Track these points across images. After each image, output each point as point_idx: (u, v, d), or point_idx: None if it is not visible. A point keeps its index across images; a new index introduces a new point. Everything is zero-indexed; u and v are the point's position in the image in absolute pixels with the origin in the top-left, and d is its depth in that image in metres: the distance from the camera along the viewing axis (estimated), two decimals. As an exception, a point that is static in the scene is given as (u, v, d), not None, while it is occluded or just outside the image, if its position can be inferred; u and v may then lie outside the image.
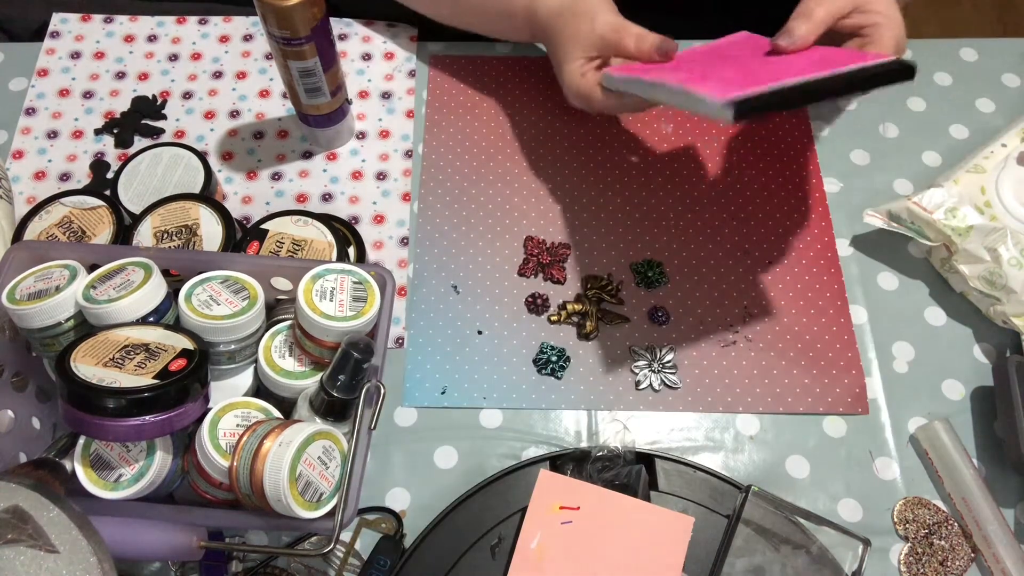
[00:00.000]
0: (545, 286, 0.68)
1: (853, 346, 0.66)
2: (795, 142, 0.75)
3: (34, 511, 0.38)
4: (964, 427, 0.63)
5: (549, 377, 0.65)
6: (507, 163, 0.74)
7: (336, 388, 0.51)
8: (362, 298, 0.54)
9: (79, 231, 0.63)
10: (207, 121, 0.76)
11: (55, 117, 0.76)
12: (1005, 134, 0.69)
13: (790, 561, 0.57)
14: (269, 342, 0.56)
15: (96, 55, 0.79)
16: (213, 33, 0.81)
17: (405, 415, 0.63)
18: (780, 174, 0.73)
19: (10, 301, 0.52)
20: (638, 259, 0.69)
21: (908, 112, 0.77)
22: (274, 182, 0.73)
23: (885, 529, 0.60)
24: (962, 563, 0.58)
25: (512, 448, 0.62)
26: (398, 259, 0.69)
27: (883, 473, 0.62)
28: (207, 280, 0.55)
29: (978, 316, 0.67)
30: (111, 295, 0.52)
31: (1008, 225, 0.64)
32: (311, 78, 0.66)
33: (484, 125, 0.76)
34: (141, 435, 0.47)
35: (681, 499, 0.59)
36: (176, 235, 0.61)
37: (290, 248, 0.61)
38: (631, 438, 0.62)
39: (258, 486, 0.47)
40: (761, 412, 0.64)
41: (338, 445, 0.50)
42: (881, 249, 0.71)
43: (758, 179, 0.73)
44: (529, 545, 0.55)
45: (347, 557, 0.58)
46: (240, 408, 0.52)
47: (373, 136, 0.76)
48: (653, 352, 0.65)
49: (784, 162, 0.74)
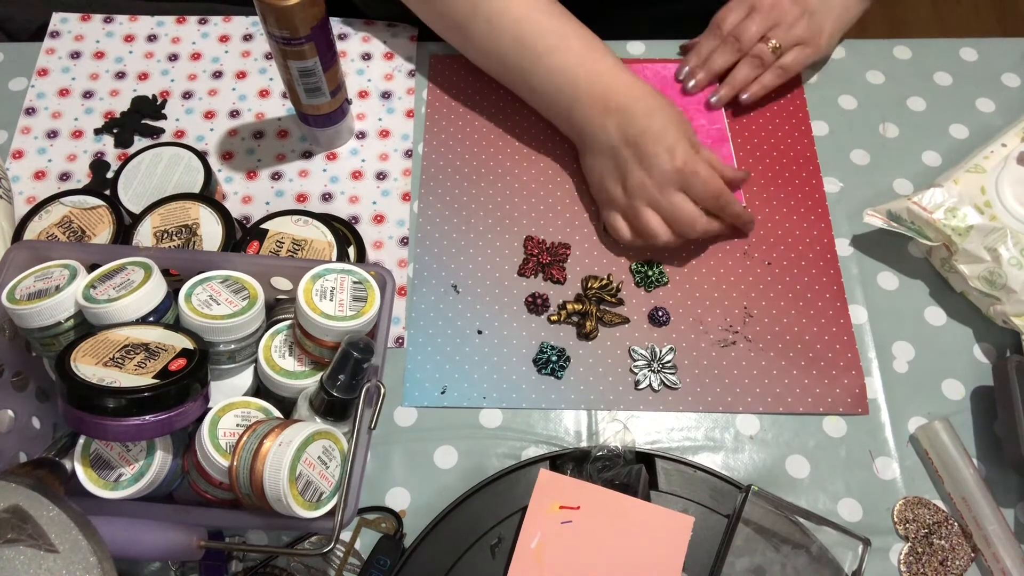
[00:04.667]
0: (545, 286, 0.68)
1: (853, 346, 0.66)
2: (795, 142, 0.75)
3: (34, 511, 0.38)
4: (964, 427, 0.63)
5: (549, 377, 0.65)
6: (507, 163, 0.74)
7: (336, 388, 0.51)
8: (362, 298, 0.54)
9: (79, 231, 0.63)
10: (207, 121, 0.76)
11: (55, 117, 0.76)
12: (1005, 134, 0.69)
13: (790, 561, 0.57)
14: (269, 342, 0.56)
15: (96, 55, 0.79)
16: (213, 33, 0.81)
17: (405, 415, 0.63)
18: (780, 175, 0.73)
19: (10, 301, 0.52)
20: (638, 259, 0.69)
21: (908, 112, 0.77)
22: (274, 182, 0.73)
23: (885, 529, 0.60)
24: (962, 563, 0.58)
25: (512, 448, 0.62)
26: (398, 259, 0.69)
27: (883, 473, 0.62)
28: (207, 280, 0.55)
29: (978, 316, 0.67)
30: (111, 295, 0.52)
31: (1008, 225, 0.64)
32: (311, 78, 0.66)
33: (484, 125, 0.76)
34: (141, 435, 0.47)
35: (681, 499, 0.59)
36: (176, 235, 0.61)
37: (290, 248, 0.61)
38: (631, 438, 0.62)
39: (258, 486, 0.47)
40: (761, 412, 0.64)
41: (338, 445, 0.50)
42: (881, 249, 0.71)
43: (758, 179, 0.73)
44: (529, 545, 0.55)
45: (347, 557, 0.58)
46: (240, 408, 0.52)
47: (373, 136, 0.76)
48: (653, 352, 0.65)
49: (784, 162, 0.74)
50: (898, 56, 0.80)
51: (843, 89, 0.78)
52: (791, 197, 0.73)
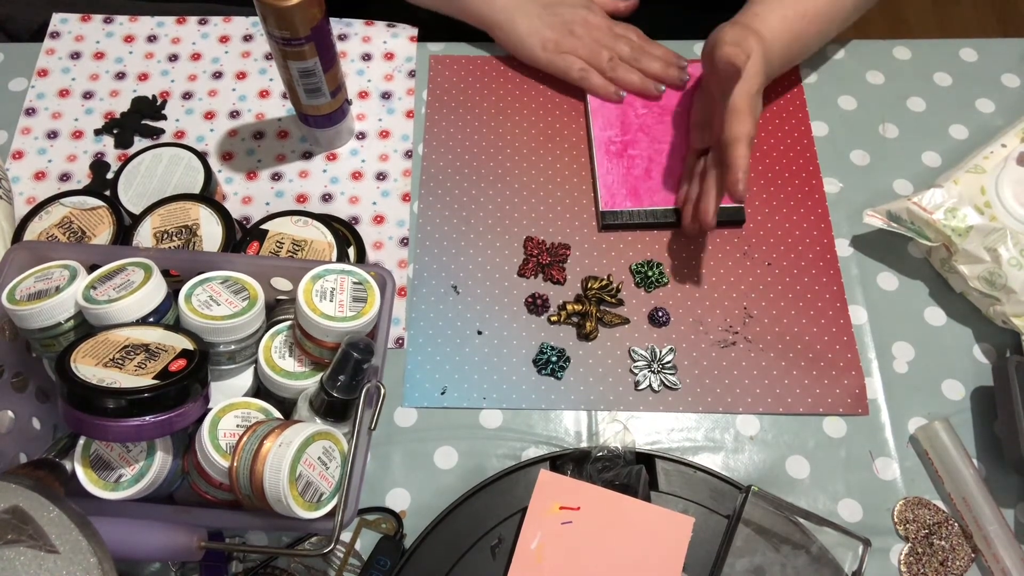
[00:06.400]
0: (545, 286, 0.68)
1: (853, 346, 0.66)
2: (795, 142, 0.75)
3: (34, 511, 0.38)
4: (964, 427, 0.63)
5: (549, 377, 0.65)
6: (507, 163, 0.74)
7: (336, 388, 0.51)
8: (362, 298, 0.54)
9: (79, 231, 0.63)
10: (207, 121, 0.76)
11: (55, 117, 0.76)
12: (1005, 134, 0.69)
13: (790, 561, 0.57)
14: (269, 342, 0.56)
15: (96, 55, 0.79)
16: (213, 33, 0.81)
17: (405, 415, 0.63)
18: (780, 175, 0.73)
19: (10, 301, 0.52)
20: (638, 259, 0.69)
21: (908, 112, 0.77)
22: (274, 182, 0.73)
23: (885, 529, 0.60)
24: (962, 563, 0.58)
25: (512, 448, 0.62)
26: (398, 259, 0.69)
27: (883, 473, 0.62)
28: (207, 280, 0.55)
29: (978, 316, 0.67)
30: (111, 295, 0.52)
31: (1008, 225, 0.64)
32: (311, 78, 0.66)
33: (484, 125, 0.76)
34: (141, 435, 0.47)
35: (681, 499, 0.59)
36: (176, 235, 0.61)
37: (290, 248, 0.61)
38: (631, 438, 0.62)
39: (258, 486, 0.47)
40: (761, 413, 0.64)
41: (338, 445, 0.50)
42: (881, 249, 0.71)
43: (757, 180, 0.73)
44: (529, 545, 0.55)
45: (347, 557, 0.58)
46: (240, 408, 0.52)
47: (373, 136, 0.76)
48: (653, 353, 0.65)
49: (784, 163, 0.74)
50: (898, 56, 0.80)
51: (843, 89, 0.78)
52: (791, 197, 0.73)
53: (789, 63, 0.73)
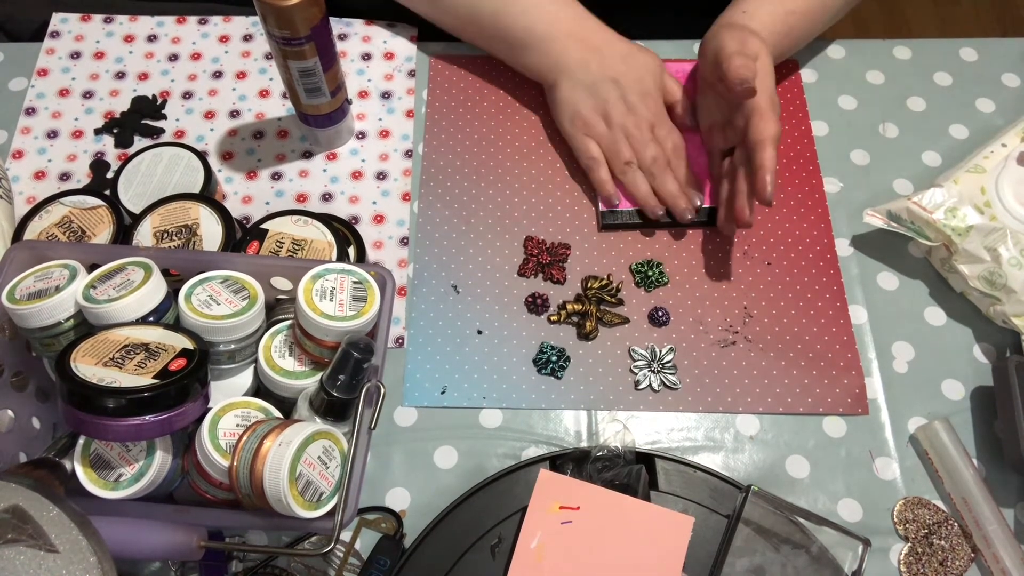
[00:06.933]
0: (545, 286, 0.68)
1: (853, 346, 0.66)
2: (795, 142, 0.75)
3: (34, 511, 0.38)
4: (964, 427, 0.63)
5: (549, 377, 0.65)
6: (507, 163, 0.74)
7: (336, 388, 0.51)
8: (362, 298, 0.54)
9: (79, 231, 0.63)
10: (207, 121, 0.76)
11: (55, 117, 0.76)
12: (1005, 134, 0.69)
13: (790, 561, 0.57)
14: (269, 342, 0.56)
15: (96, 55, 0.79)
16: (213, 33, 0.81)
17: (405, 415, 0.63)
18: (780, 175, 0.73)
19: (10, 301, 0.52)
20: (638, 259, 0.69)
21: (908, 112, 0.77)
22: (274, 182, 0.73)
23: (885, 529, 0.60)
24: (962, 563, 0.58)
25: (512, 448, 0.62)
26: (398, 259, 0.69)
27: (883, 473, 0.62)
28: (207, 280, 0.55)
29: (978, 316, 0.67)
30: (111, 295, 0.52)
31: (1008, 225, 0.64)
32: (311, 78, 0.66)
33: (484, 125, 0.76)
34: (141, 435, 0.47)
35: (681, 499, 0.59)
36: (176, 235, 0.61)
37: (290, 248, 0.61)
38: (631, 438, 0.62)
39: (258, 486, 0.47)
40: (761, 412, 0.64)
41: (338, 445, 0.50)
42: (881, 249, 0.71)
43: (758, 179, 0.73)
44: (529, 545, 0.55)
45: (347, 557, 0.58)
46: (240, 408, 0.52)
47: (373, 136, 0.76)
48: (653, 352, 0.65)
49: (784, 162, 0.74)
50: (898, 56, 0.80)
51: (843, 89, 0.78)
52: (791, 197, 0.73)
53: (780, 58, 0.73)
